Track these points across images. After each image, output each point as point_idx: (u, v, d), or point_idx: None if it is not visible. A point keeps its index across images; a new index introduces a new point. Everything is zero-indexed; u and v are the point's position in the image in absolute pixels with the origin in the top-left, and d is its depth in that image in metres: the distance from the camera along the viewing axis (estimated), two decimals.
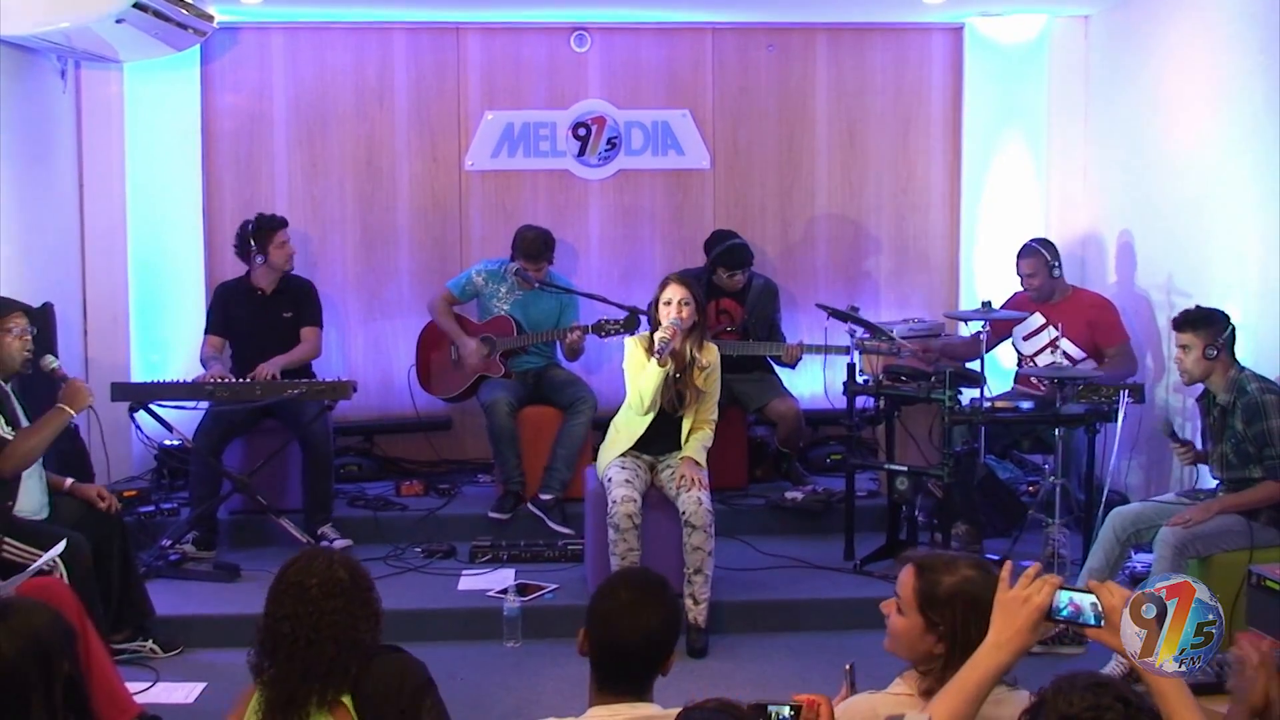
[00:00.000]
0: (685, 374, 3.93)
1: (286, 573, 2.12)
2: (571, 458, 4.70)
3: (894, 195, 5.63)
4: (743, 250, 4.98)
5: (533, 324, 4.93)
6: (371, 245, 5.51)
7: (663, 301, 3.91)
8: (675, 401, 3.95)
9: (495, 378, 4.89)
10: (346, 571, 2.09)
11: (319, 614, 2.03)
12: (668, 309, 3.90)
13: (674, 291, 3.91)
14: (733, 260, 4.95)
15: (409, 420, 5.38)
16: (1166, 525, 3.61)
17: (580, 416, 4.71)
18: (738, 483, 4.98)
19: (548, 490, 4.65)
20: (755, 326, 5.04)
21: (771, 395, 4.97)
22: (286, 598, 2.07)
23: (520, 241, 4.86)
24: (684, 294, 3.91)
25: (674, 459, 4.02)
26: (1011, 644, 1.72)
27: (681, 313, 3.88)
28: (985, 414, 4.20)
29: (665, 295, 3.92)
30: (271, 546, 4.55)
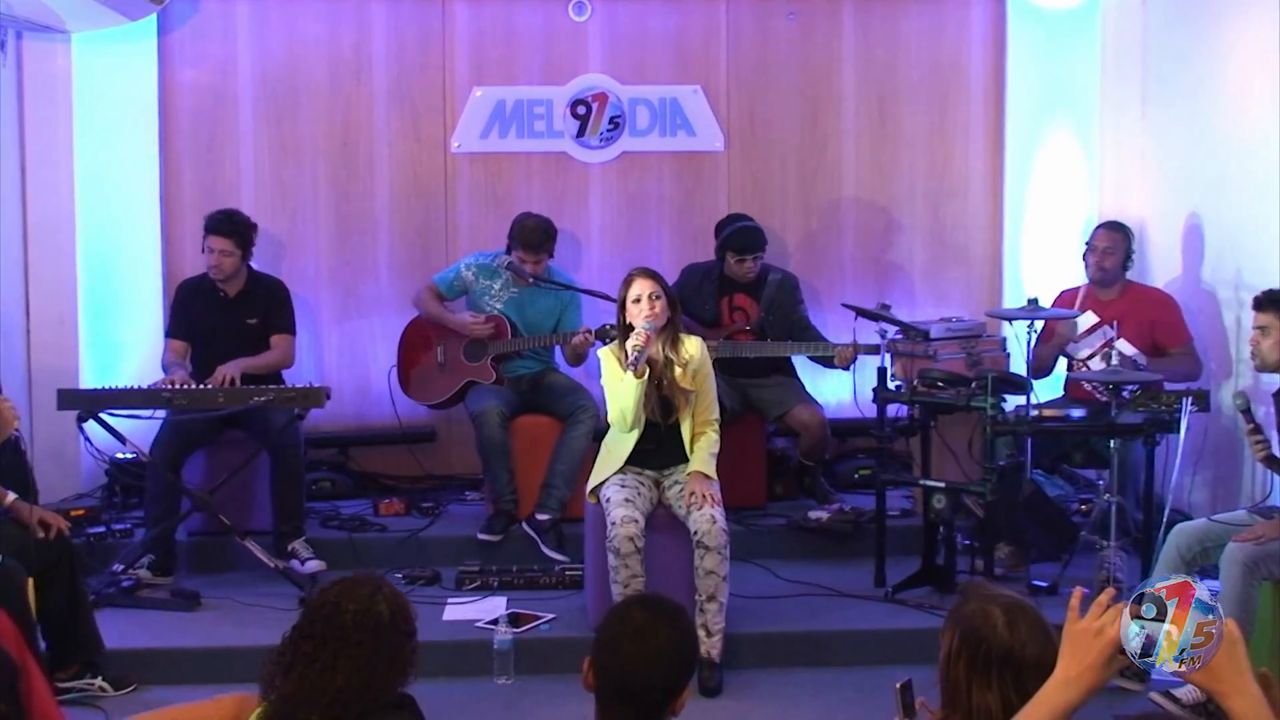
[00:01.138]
0: (665, 378, 3.91)
1: (328, 591, 2.14)
2: (571, 474, 4.69)
3: (929, 179, 5.62)
4: (754, 233, 4.98)
5: (529, 325, 4.93)
6: (347, 236, 5.50)
7: (630, 300, 3.90)
8: (659, 410, 3.93)
9: (486, 384, 4.89)
10: (390, 609, 2.10)
11: (344, 643, 2.05)
12: (637, 307, 3.88)
13: (641, 286, 3.89)
14: (743, 243, 4.95)
15: (389, 431, 5.38)
16: (1234, 541, 3.58)
17: (580, 427, 4.71)
18: (755, 500, 4.99)
19: (544, 510, 4.66)
20: (774, 325, 5.04)
21: (793, 402, 4.96)
22: (318, 616, 2.09)
23: (519, 231, 4.84)
24: (653, 287, 3.89)
25: (681, 472, 4.01)
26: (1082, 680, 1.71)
27: (654, 308, 3.86)
28: (1032, 424, 4.19)
29: (633, 292, 3.90)
30: (236, 571, 4.54)
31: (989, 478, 4.18)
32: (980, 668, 1.89)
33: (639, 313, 3.87)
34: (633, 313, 3.89)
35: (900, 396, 4.42)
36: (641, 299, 3.87)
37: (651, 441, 3.99)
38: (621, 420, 3.89)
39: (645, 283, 3.89)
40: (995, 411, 4.14)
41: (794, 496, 5.12)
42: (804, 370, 5.19)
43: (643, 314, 3.86)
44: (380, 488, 5.34)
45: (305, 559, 4.52)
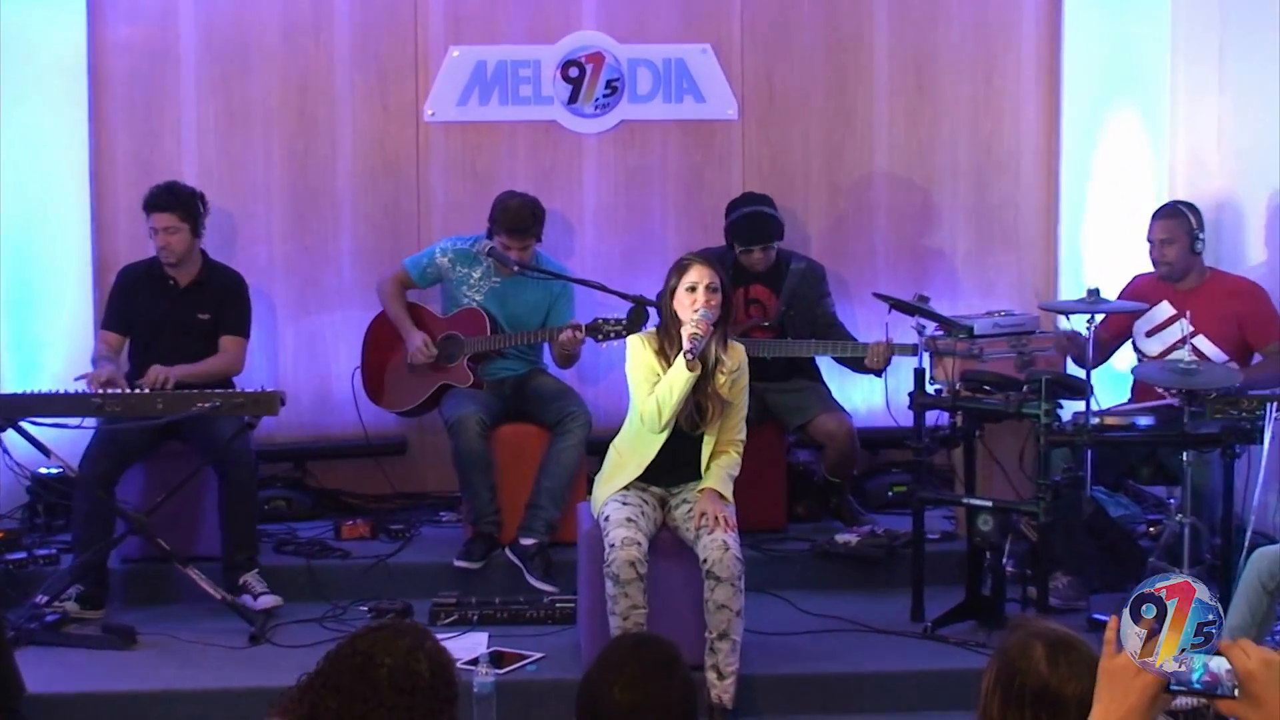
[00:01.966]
0: (706, 380, 3.91)
1: (359, 639, 2.11)
2: (560, 491, 4.69)
3: (974, 154, 5.62)
4: (761, 221, 4.99)
5: (513, 320, 4.95)
6: (305, 218, 5.50)
7: (683, 287, 3.90)
8: (694, 416, 3.93)
9: (463, 388, 4.89)
10: (430, 668, 2.07)
11: (375, 704, 2.03)
12: (690, 297, 3.89)
13: (699, 274, 3.90)
14: (748, 233, 4.95)
15: (353, 442, 5.40)
16: None
17: (570, 437, 4.72)
18: (774, 522, 5.00)
19: (529, 533, 4.66)
20: (795, 321, 5.06)
21: (817, 410, 4.97)
22: (347, 668, 2.06)
23: (501, 212, 4.85)
24: (711, 277, 3.90)
25: (691, 491, 4.01)
26: None
27: (710, 302, 3.87)
28: (1092, 433, 4.17)
29: (687, 279, 3.90)
30: (177, 603, 4.55)
31: (1043, 496, 4.17)
32: (1014, 704, 1.90)
33: (692, 304, 3.87)
34: (683, 302, 3.89)
35: (940, 402, 4.42)
36: (699, 289, 3.87)
37: (666, 453, 3.99)
38: (655, 417, 3.89)
39: (704, 270, 3.90)
40: (1050, 419, 4.13)
41: (818, 518, 5.13)
42: (829, 373, 5.19)
43: (697, 304, 3.87)
44: (343, 507, 5.35)
45: (259, 594, 4.52)
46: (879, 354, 4.75)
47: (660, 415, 3.87)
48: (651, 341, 3.97)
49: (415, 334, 4.91)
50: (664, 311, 3.97)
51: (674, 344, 3.90)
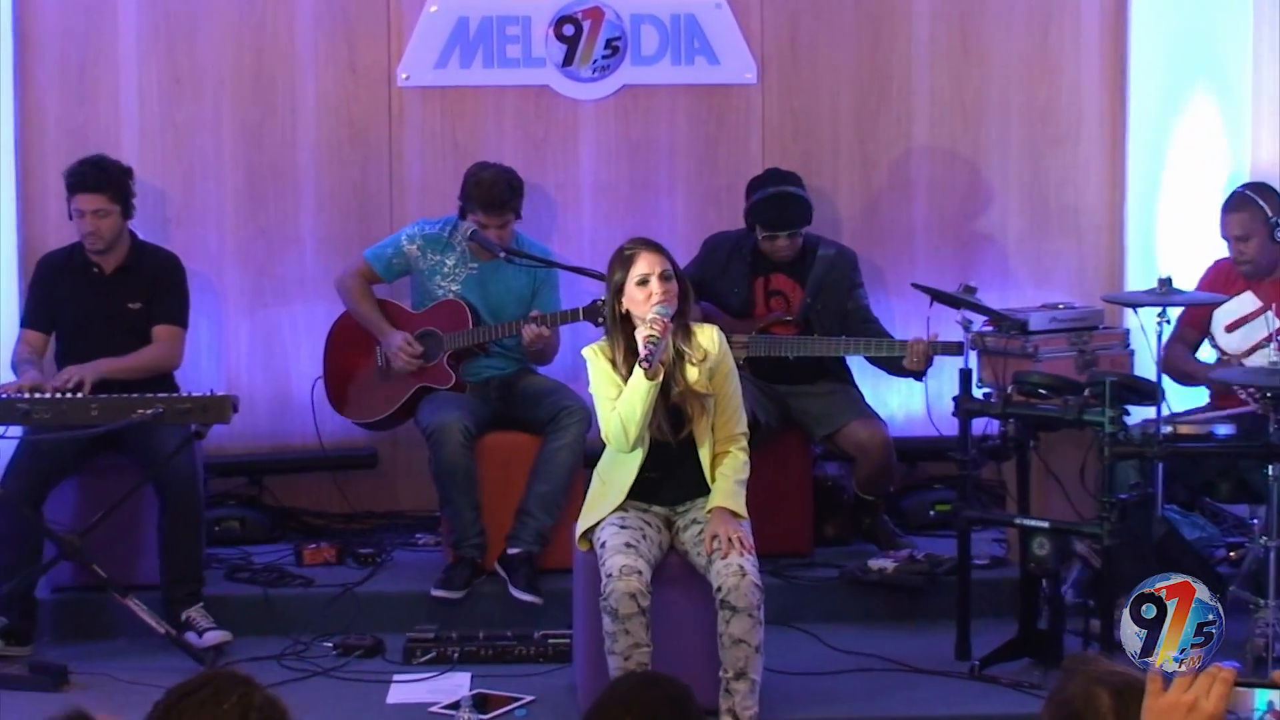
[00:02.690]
0: (676, 379, 3.92)
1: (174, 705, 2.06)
2: (554, 497, 4.69)
3: (1028, 123, 5.61)
4: (790, 203, 4.98)
5: (494, 310, 4.95)
6: (261, 197, 5.49)
7: (632, 281, 3.89)
8: (667, 424, 3.93)
9: (442, 390, 4.89)
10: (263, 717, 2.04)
11: None
12: (643, 292, 3.87)
13: (648, 263, 3.89)
14: (774, 217, 4.96)
15: (315, 454, 5.40)
16: None
17: (565, 435, 4.71)
18: (798, 545, 5.00)
19: (516, 542, 4.69)
20: (823, 316, 5.05)
21: (848, 416, 4.96)
22: None
23: (474, 186, 4.87)
24: (662, 264, 3.90)
25: (701, 508, 4.00)
26: None
27: (666, 291, 3.86)
28: (1164, 444, 4.16)
29: (636, 271, 3.89)
30: (114, 639, 4.55)
31: (1107, 515, 4.15)
32: None
33: (646, 298, 3.85)
34: (635, 298, 3.89)
35: (989, 408, 4.41)
36: (650, 280, 3.87)
37: (659, 467, 3.98)
38: (621, 436, 3.88)
39: (652, 258, 3.89)
40: (1116, 427, 4.12)
41: (849, 540, 5.13)
42: (861, 374, 5.17)
43: (653, 299, 3.85)
44: (304, 529, 5.36)
45: (205, 629, 4.50)
46: (919, 353, 4.73)
47: (627, 434, 3.86)
48: (606, 351, 3.97)
49: (393, 333, 4.91)
50: (610, 314, 3.95)
51: (622, 350, 3.90)
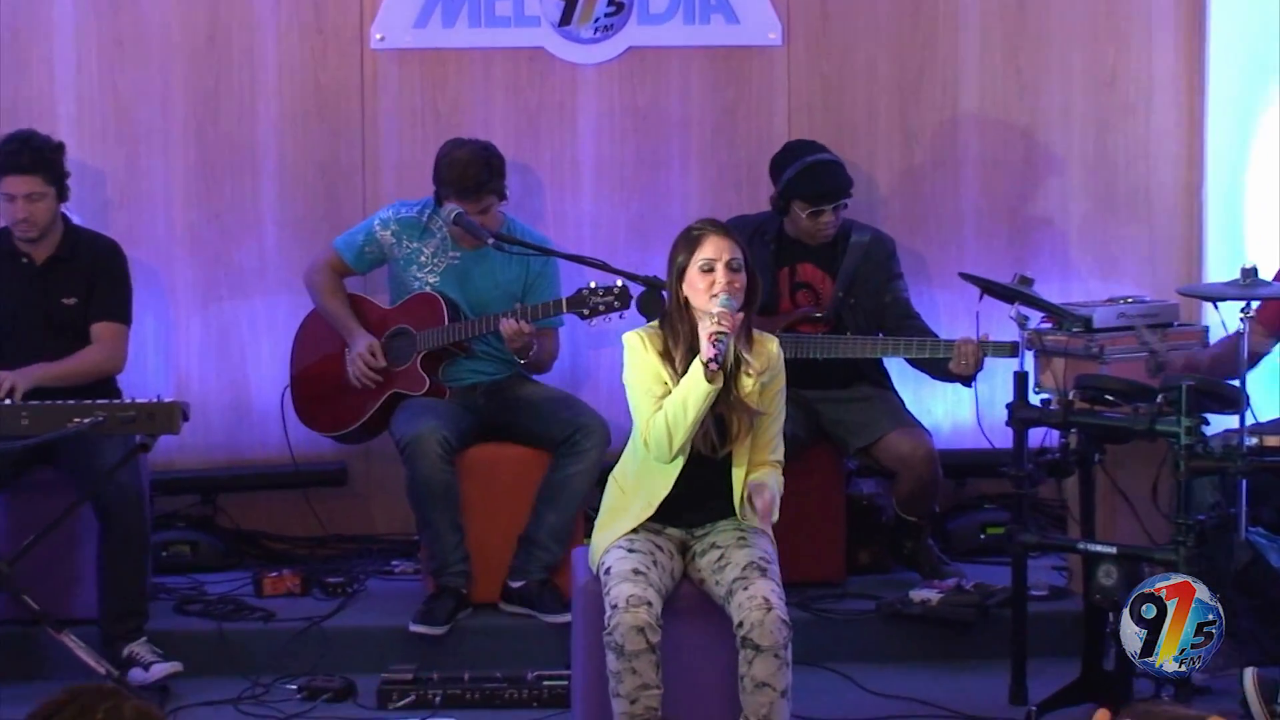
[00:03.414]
0: (728, 387, 3.87)
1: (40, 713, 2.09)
2: (566, 528, 4.72)
3: (1092, 90, 5.63)
4: (835, 171, 4.99)
5: (477, 305, 4.97)
6: (216, 178, 5.51)
7: (696, 266, 3.86)
8: (715, 436, 3.91)
9: (417, 397, 4.91)
10: None
11: None
12: (707, 279, 3.85)
13: (716, 248, 3.85)
14: (820, 187, 4.95)
15: (277, 470, 5.44)
16: None
17: (581, 460, 4.74)
18: (829, 574, 5.02)
19: (522, 575, 4.76)
20: (858, 312, 5.06)
21: (887, 426, 4.97)
22: None
23: (447, 167, 4.89)
24: (733, 251, 3.86)
25: (722, 532, 3.98)
26: None
27: (733, 285, 3.85)
28: (1248, 458, 4.12)
29: (701, 255, 3.86)
30: (47, 679, 4.55)
31: (1183, 540, 4.08)
32: None
33: (709, 287, 3.84)
34: (696, 286, 3.86)
35: (1049, 417, 4.38)
36: (716, 267, 3.84)
37: (688, 484, 3.95)
38: (664, 442, 3.84)
39: (723, 242, 3.85)
40: (1194, 439, 4.08)
41: (887, 568, 5.15)
42: (902, 378, 5.19)
43: (716, 289, 3.83)
44: (265, 554, 5.39)
45: (150, 662, 4.52)
46: (967, 355, 4.74)
47: (671, 441, 3.83)
48: (654, 340, 3.93)
49: (359, 336, 4.95)
50: (670, 300, 3.94)
51: (683, 343, 3.87)
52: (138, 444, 4.46)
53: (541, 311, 4.79)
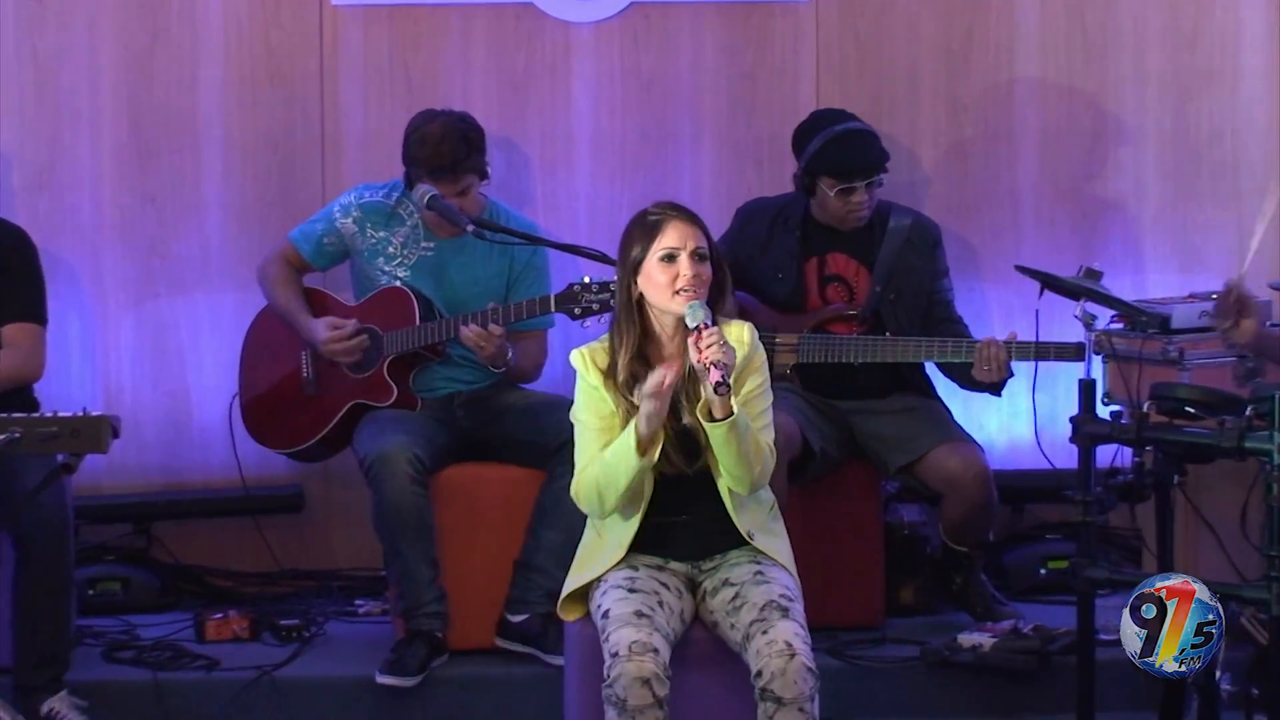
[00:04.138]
0: (687, 396, 3.89)
1: None
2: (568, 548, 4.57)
3: (1170, 54, 5.64)
4: (868, 141, 5.00)
5: (456, 303, 4.98)
6: (151, 155, 5.52)
7: (656, 256, 3.87)
8: (679, 456, 3.90)
9: (384, 408, 4.94)
10: None
11: None
12: (667, 272, 3.85)
13: (679, 234, 3.85)
14: (850, 160, 4.96)
15: (223, 493, 5.46)
16: None
17: None
18: (866, 615, 5.04)
19: (523, 607, 4.77)
20: (897, 308, 5.06)
21: (933, 440, 4.98)
22: None
23: (417, 143, 4.91)
24: (697, 239, 3.87)
25: (735, 565, 3.97)
26: None
27: (699, 275, 3.85)
28: None
29: (663, 242, 3.86)
30: None
31: (1277, 575, 4.08)
32: None
33: (670, 281, 3.84)
34: (656, 280, 3.86)
35: (1120, 432, 4.35)
36: (679, 256, 3.85)
37: (673, 507, 3.97)
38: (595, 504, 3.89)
39: (684, 229, 3.86)
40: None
41: (933, 608, 5.18)
42: (951, 386, 5.18)
43: (681, 281, 3.83)
44: (208, 593, 5.40)
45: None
46: (989, 358, 4.77)
47: (603, 503, 3.88)
48: (598, 357, 3.94)
49: (314, 321, 4.97)
50: (621, 299, 3.93)
51: (628, 348, 3.88)
52: (60, 465, 4.39)
53: (526, 310, 4.78)
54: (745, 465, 3.83)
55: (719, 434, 3.78)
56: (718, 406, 3.75)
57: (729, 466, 3.84)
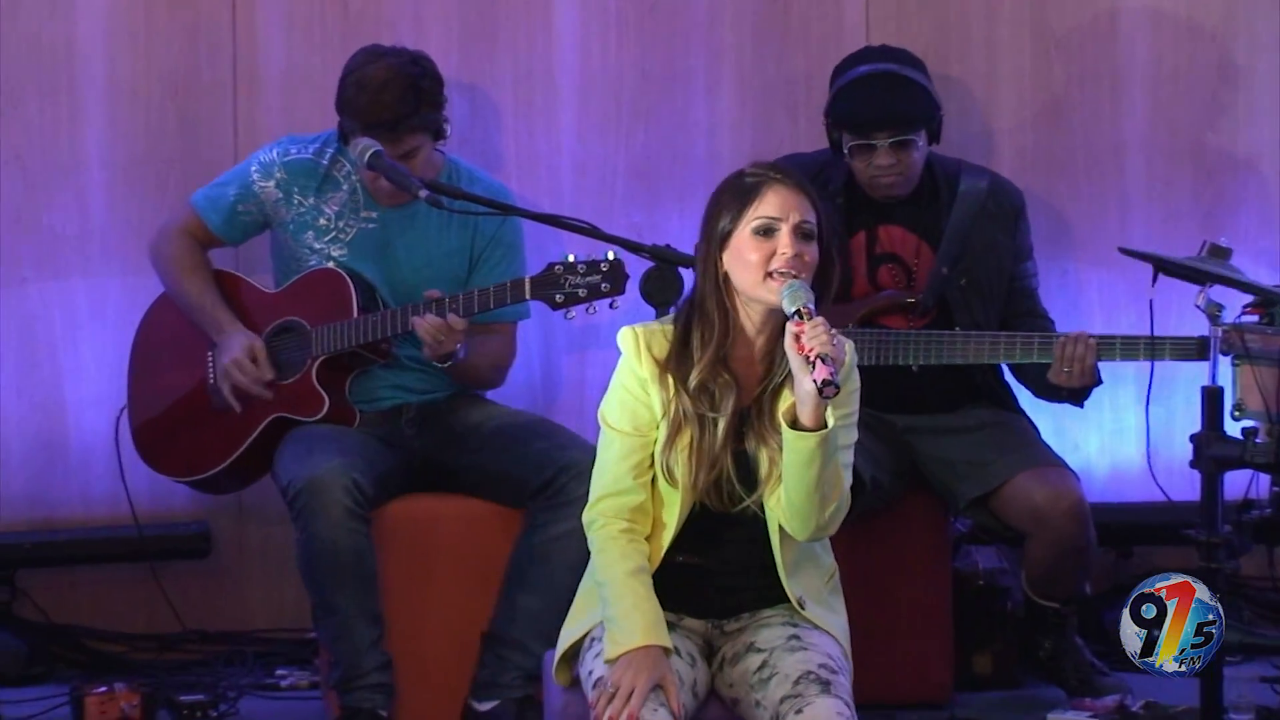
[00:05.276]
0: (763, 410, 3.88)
1: None
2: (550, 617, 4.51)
3: None
4: (888, 85, 5.06)
5: (404, 288, 5.03)
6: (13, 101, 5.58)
7: (750, 228, 3.84)
8: (736, 482, 3.88)
9: (313, 423, 4.97)
10: None
11: None
12: (764, 247, 3.81)
13: (782, 202, 3.81)
14: (865, 105, 5.04)
15: (108, 533, 5.47)
16: None
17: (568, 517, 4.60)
18: (930, 689, 5.09)
19: (495, 692, 4.81)
20: (971, 294, 5.11)
21: (1013, 465, 5.01)
22: None
23: (354, 88, 4.96)
24: (803, 210, 3.84)
25: (763, 627, 3.94)
26: None
27: (802, 256, 3.82)
28: None
29: (760, 210, 3.83)
30: None
31: None
32: None
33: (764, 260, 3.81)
34: (746, 258, 3.83)
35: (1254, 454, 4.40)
36: (780, 230, 3.83)
37: (698, 547, 3.94)
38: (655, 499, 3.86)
39: (791, 197, 3.85)
40: None
41: (1015, 679, 5.22)
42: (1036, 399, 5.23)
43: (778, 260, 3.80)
44: (90, 660, 5.44)
45: None
46: (1070, 358, 4.81)
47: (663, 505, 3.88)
48: (655, 342, 3.92)
49: (232, 333, 4.99)
50: (700, 279, 3.91)
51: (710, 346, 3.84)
52: None
53: (494, 298, 4.74)
54: (818, 500, 3.79)
55: (804, 449, 3.74)
56: (810, 413, 3.71)
57: (797, 498, 3.80)
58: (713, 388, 3.82)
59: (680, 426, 3.83)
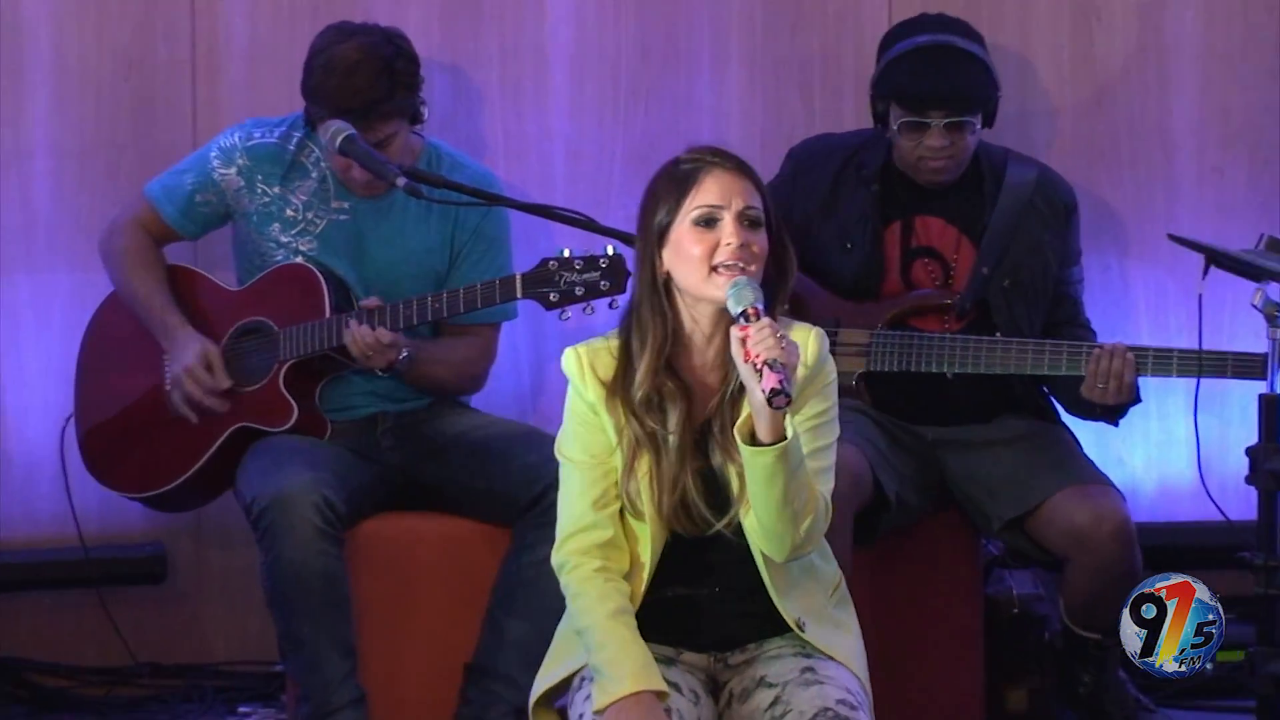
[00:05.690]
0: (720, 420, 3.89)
1: None
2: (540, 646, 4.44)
3: None
4: (952, 59, 5.06)
5: (381, 285, 5.06)
6: None
7: (689, 219, 3.84)
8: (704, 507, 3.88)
9: (279, 434, 5.00)
10: None
11: None
12: (703, 241, 3.81)
13: (723, 188, 3.82)
14: (922, 82, 5.03)
15: (53, 556, 5.52)
16: None
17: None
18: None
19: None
20: (1015, 295, 5.12)
21: (1052, 483, 5.01)
22: None
23: (322, 70, 4.96)
24: (747, 195, 3.84)
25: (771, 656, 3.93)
26: None
27: (749, 247, 3.81)
28: None
29: (699, 199, 3.84)
30: None
31: None
32: None
33: (707, 253, 3.80)
34: (687, 252, 3.82)
35: None
36: (722, 219, 3.82)
37: (685, 576, 3.95)
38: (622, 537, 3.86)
39: (730, 182, 3.85)
40: None
41: (1052, 716, 5.21)
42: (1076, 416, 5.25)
43: (722, 253, 3.82)
44: (33, 696, 5.46)
45: None
46: (1105, 372, 4.82)
47: None
48: (600, 360, 3.91)
49: (185, 337, 5.01)
50: (640, 278, 3.90)
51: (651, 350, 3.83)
52: None
53: (482, 297, 4.74)
54: (788, 517, 3.77)
55: (763, 465, 3.72)
56: (766, 426, 3.69)
57: (766, 518, 3.78)
58: (658, 401, 3.82)
59: (636, 451, 3.84)
